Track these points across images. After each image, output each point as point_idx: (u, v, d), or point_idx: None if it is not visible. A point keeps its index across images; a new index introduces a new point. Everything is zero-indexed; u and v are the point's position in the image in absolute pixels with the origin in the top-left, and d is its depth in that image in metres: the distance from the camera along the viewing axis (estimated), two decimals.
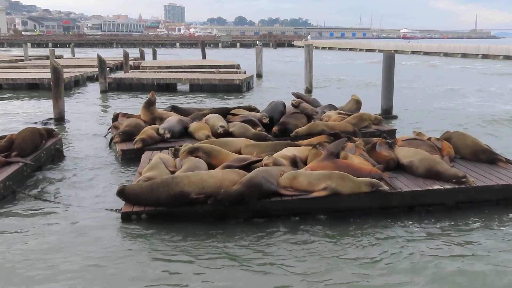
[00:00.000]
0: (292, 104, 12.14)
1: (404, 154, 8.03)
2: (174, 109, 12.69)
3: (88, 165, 9.89)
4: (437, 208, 7.08)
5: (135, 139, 10.24)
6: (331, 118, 11.87)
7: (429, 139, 8.95)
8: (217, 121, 10.78)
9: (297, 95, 13.68)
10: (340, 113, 12.27)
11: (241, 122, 10.90)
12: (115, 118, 12.48)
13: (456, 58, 54.47)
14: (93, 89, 24.38)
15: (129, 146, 10.31)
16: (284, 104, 12.19)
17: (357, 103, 13.51)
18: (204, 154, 8.12)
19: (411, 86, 24.94)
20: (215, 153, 8.20)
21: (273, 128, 10.86)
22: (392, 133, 11.55)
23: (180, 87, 24.42)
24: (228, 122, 11.07)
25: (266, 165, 7.57)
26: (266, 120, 11.28)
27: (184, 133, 10.95)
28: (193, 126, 10.93)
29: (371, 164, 7.66)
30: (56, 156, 10.06)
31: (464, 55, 55.18)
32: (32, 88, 23.67)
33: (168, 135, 10.52)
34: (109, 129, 12.44)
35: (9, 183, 7.82)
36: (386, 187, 6.90)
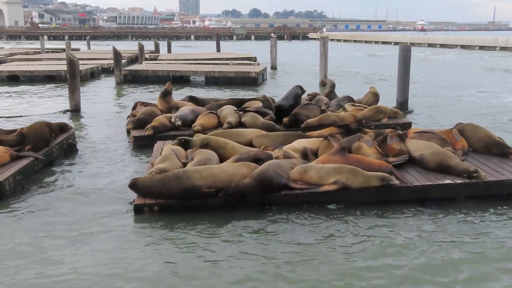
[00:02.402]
0: (308, 94, 12.23)
1: (416, 147, 8.01)
2: (192, 99, 12.98)
3: (101, 157, 10.03)
4: (447, 202, 7.07)
5: (147, 127, 10.48)
6: (346, 110, 11.87)
7: (450, 130, 8.91)
8: (228, 115, 10.81)
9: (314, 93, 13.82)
10: (354, 105, 12.30)
11: (253, 112, 10.98)
12: (135, 106, 12.91)
13: (474, 50, 53.76)
14: (109, 81, 24.59)
15: (142, 133, 10.62)
16: (297, 96, 11.83)
17: (375, 96, 13.43)
18: (213, 149, 8.21)
19: (427, 79, 24.72)
20: (221, 150, 8.27)
21: (284, 119, 10.88)
22: (407, 126, 11.42)
23: (194, 79, 24.53)
24: (242, 112, 11.13)
25: (276, 158, 7.63)
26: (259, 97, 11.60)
27: None
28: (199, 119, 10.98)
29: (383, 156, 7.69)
30: (69, 151, 10.10)
31: (482, 48, 54.42)
32: (49, 80, 23.98)
33: (179, 123, 10.72)
34: (128, 117, 12.73)
35: (19, 177, 7.83)
36: (396, 181, 6.92)
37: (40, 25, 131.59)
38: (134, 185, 7.00)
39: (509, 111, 15.54)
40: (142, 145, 10.32)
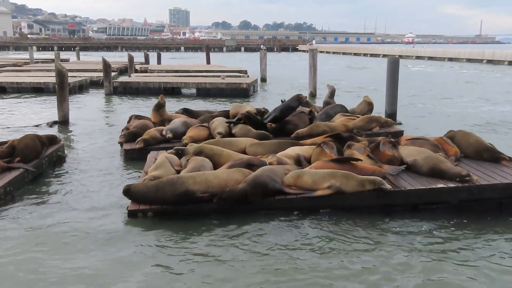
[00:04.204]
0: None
1: (408, 153, 8.06)
2: (186, 111, 12.96)
3: (91, 167, 9.95)
4: (441, 206, 7.11)
5: (137, 140, 10.46)
6: (337, 120, 11.83)
7: (441, 138, 8.97)
8: (218, 126, 10.78)
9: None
10: (344, 115, 12.25)
11: (243, 123, 10.94)
12: (129, 119, 12.84)
13: (461, 63, 54.42)
14: (98, 93, 24.40)
15: (133, 146, 10.54)
16: (285, 109, 11.34)
17: (369, 105, 13.44)
18: (207, 157, 8.20)
19: (415, 91, 24.95)
20: (216, 157, 8.27)
21: (268, 123, 10.84)
22: (399, 134, 11.32)
23: (185, 91, 24.50)
24: (233, 124, 11.08)
25: (270, 164, 7.63)
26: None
27: None
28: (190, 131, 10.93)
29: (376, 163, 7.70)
30: (58, 163, 10.01)
31: (469, 60, 55.14)
32: (37, 91, 23.67)
33: (170, 135, 10.70)
34: (122, 130, 12.66)
35: (9, 189, 7.77)
36: (388, 186, 6.94)
37: (29, 36, 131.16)
38: (128, 191, 6.96)
39: (499, 120, 15.74)
40: (133, 158, 10.26)
